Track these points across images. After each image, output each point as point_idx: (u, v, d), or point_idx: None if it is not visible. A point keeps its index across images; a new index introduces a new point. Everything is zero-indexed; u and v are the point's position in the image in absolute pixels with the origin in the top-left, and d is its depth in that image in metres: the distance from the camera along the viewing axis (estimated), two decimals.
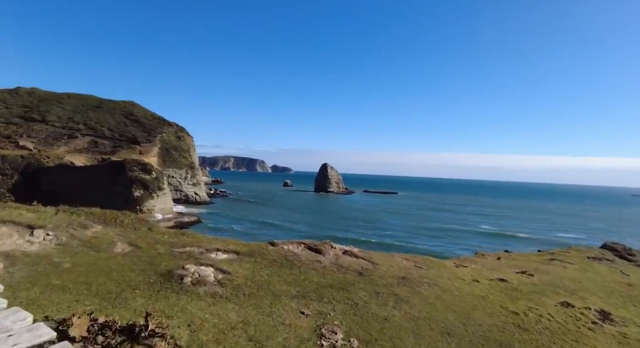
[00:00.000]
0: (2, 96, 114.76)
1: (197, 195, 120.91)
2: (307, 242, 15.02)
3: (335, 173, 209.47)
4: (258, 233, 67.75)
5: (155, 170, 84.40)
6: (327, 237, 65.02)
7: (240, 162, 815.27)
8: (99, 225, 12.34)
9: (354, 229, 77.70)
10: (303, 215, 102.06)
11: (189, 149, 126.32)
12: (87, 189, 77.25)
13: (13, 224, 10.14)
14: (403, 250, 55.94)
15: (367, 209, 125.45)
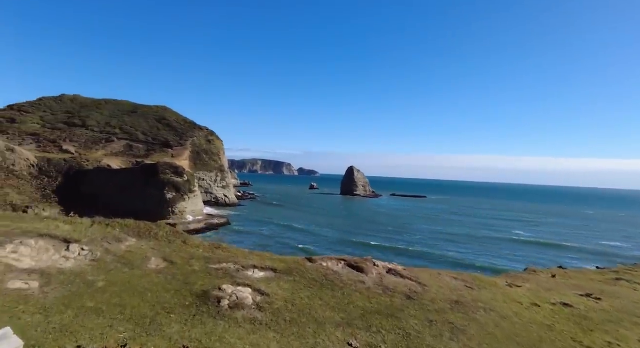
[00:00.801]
0: (49, 103, 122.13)
1: (227, 198, 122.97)
2: (348, 258, 13.99)
3: (362, 176, 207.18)
4: (285, 238, 67.23)
5: (186, 173, 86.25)
6: (354, 243, 63.56)
7: (267, 165, 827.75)
8: (134, 238, 11.95)
9: (383, 235, 75.39)
10: (330, 219, 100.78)
11: (218, 153, 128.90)
12: (122, 191, 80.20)
13: (50, 238, 9.83)
14: (437, 260, 53.01)
15: (396, 214, 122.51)
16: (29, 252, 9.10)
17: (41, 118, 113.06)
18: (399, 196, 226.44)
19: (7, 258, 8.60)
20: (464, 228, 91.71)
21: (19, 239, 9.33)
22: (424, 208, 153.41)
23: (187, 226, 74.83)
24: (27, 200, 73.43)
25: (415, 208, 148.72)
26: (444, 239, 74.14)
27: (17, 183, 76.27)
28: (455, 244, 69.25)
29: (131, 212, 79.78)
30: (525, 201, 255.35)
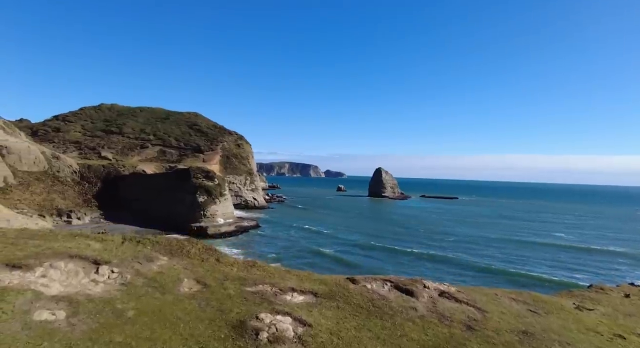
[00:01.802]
0: (89, 113, 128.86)
1: (256, 200, 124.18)
2: (393, 279, 12.65)
3: (389, 177, 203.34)
4: (313, 243, 65.36)
5: (217, 177, 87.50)
6: (385, 250, 60.73)
7: (294, 168, 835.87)
8: (165, 256, 11.31)
9: (415, 239, 72.25)
10: (358, 222, 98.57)
11: (247, 156, 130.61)
12: (157, 195, 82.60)
13: (80, 259, 9.29)
14: (482, 271, 49.57)
15: (427, 216, 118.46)
16: (58, 276, 8.56)
17: (82, 126, 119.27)
18: (429, 197, 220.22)
19: (35, 284, 8.06)
20: (502, 232, 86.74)
21: (49, 261, 8.82)
22: (457, 210, 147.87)
23: (218, 229, 75.80)
24: (71, 205, 77.16)
25: (447, 210, 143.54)
26: (484, 244, 69.88)
27: (61, 188, 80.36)
28: (497, 250, 64.84)
29: (165, 216, 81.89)
30: (566, 201, 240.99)
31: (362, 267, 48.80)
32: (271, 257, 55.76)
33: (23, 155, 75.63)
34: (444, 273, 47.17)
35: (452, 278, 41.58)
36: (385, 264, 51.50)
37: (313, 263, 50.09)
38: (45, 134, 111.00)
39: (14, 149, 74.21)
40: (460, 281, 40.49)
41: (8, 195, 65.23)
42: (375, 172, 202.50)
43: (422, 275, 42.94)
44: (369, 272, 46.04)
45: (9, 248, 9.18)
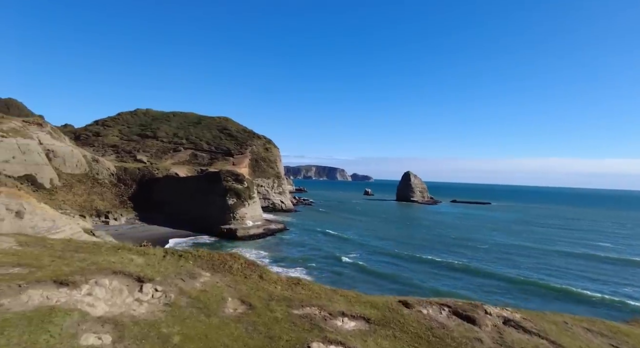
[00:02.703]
0: (126, 117, 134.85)
1: (283, 203, 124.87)
2: (450, 303, 11.51)
3: (419, 181, 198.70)
4: (340, 250, 63.35)
5: (246, 180, 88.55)
6: (416, 259, 57.36)
7: (321, 171, 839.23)
8: (207, 272, 10.85)
9: (447, 249, 68.51)
10: (386, 227, 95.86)
11: (275, 160, 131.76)
12: (189, 198, 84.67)
13: (123, 276, 8.95)
14: (520, 284, 46.10)
15: (459, 223, 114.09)
16: (103, 294, 8.22)
17: (119, 131, 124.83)
18: (460, 202, 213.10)
19: (82, 303, 7.74)
20: (539, 241, 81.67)
21: (94, 278, 8.51)
22: (489, 216, 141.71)
23: (247, 231, 76.52)
24: (108, 206, 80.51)
25: (480, 217, 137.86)
26: (520, 254, 65.59)
27: (100, 190, 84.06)
28: (535, 261, 60.35)
29: (197, 217, 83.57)
30: (610, 208, 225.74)
31: (391, 277, 46.73)
32: (298, 261, 55.15)
33: (67, 158, 79.77)
34: (480, 287, 44.11)
35: (494, 297, 38.72)
36: (416, 274, 49.05)
37: (340, 272, 48.62)
38: (86, 138, 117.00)
39: (60, 152, 78.39)
40: (505, 300, 37.64)
41: (54, 196, 68.72)
42: (404, 175, 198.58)
43: (457, 289, 40.48)
44: (399, 283, 43.91)
45: (57, 262, 8.99)
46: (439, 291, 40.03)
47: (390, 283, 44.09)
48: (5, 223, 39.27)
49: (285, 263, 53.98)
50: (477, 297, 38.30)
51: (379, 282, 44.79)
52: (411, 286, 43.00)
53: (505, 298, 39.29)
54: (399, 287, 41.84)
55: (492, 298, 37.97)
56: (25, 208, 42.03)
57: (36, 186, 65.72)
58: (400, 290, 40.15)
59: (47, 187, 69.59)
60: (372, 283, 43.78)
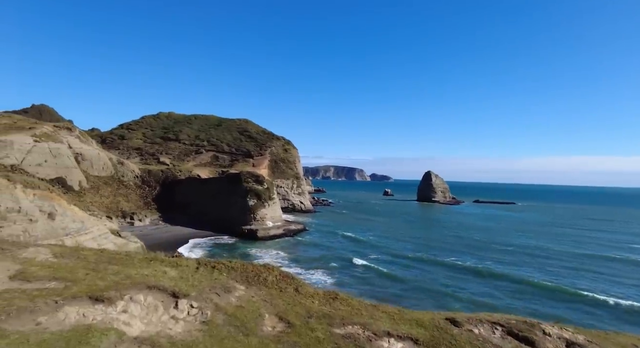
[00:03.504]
0: (149, 121, 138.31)
1: (303, 204, 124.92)
2: (503, 321, 10.62)
3: (440, 181, 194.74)
4: (360, 253, 61.60)
5: (266, 181, 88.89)
6: (440, 264, 54.50)
7: (339, 171, 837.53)
8: (242, 285, 10.43)
9: (473, 252, 65.63)
10: (407, 229, 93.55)
11: (294, 161, 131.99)
12: (211, 199, 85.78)
13: (158, 291, 8.61)
14: (555, 292, 42.88)
15: (483, 224, 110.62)
16: (138, 311, 7.89)
17: (143, 134, 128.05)
18: (483, 203, 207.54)
19: (118, 321, 7.42)
20: (569, 243, 77.67)
21: (129, 293, 8.21)
22: (515, 217, 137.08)
23: (267, 232, 76.79)
24: (133, 207, 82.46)
25: (504, 217, 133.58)
26: (550, 258, 62.18)
27: (125, 192, 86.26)
28: (575, 267, 55.80)
29: (218, 218, 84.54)
30: None
31: (415, 284, 44.84)
32: (318, 263, 54.36)
33: (94, 161, 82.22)
34: (512, 295, 41.34)
35: (532, 308, 36.32)
36: (439, 279, 46.83)
37: (363, 278, 47.05)
38: (112, 142, 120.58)
39: (87, 155, 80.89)
40: (544, 310, 35.15)
41: (82, 197, 70.84)
42: (425, 175, 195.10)
43: (488, 298, 38.47)
44: (423, 289, 41.88)
45: (91, 275, 8.75)
46: (470, 300, 38.14)
47: (414, 290, 42.38)
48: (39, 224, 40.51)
49: (305, 265, 53.40)
50: (508, 305, 36.39)
51: (401, 288, 43.10)
52: (436, 293, 41.13)
53: (545, 309, 36.52)
54: (424, 294, 40.28)
55: (529, 309, 35.57)
56: (57, 210, 43.24)
57: (66, 188, 67.86)
58: (425, 297, 38.78)
59: (76, 189, 71.83)
60: (395, 289, 42.32)
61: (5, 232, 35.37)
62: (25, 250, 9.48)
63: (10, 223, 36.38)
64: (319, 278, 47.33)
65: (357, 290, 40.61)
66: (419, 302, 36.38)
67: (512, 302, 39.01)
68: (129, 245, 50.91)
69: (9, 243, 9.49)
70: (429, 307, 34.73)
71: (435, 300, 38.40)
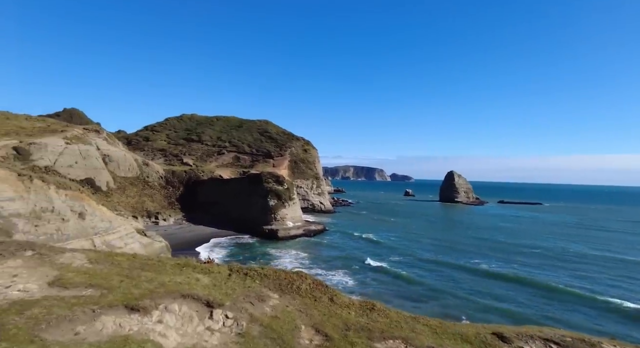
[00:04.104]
0: (172, 123, 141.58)
1: (322, 204, 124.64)
2: (554, 336, 9.83)
3: (463, 181, 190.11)
4: (381, 255, 60.02)
5: (286, 182, 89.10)
6: (466, 268, 51.95)
7: (359, 171, 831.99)
8: (275, 293, 10.13)
9: (499, 256, 62.51)
10: (429, 231, 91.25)
11: (314, 161, 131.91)
12: (232, 199, 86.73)
13: (192, 300, 8.41)
14: (587, 301, 39.95)
15: (509, 225, 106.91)
16: (173, 322, 7.70)
17: (167, 135, 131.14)
18: (508, 203, 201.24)
19: (154, 332, 7.25)
20: (601, 247, 73.34)
21: (164, 303, 8.03)
22: (542, 218, 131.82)
23: (287, 232, 76.92)
24: (158, 207, 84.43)
25: (531, 218, 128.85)
26: (589, 263, 58.31)
27: (150, 192, 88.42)
28: (613, 274, 51.84)
29: (240, 218, 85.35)
30: None
31: (438, 289, 42.77)
32: (339, 264, 53.73)
33: (121, 162, 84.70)
34: (546, 305, 38.50)
35: (571, 319, 33.61)
36: (465, 284, 44.67)
37: (384, 281, 45.71)
38: (137, 143, 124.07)
39: (114, 157, 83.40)
40: (587, 324, 32.65)
41: (109, 198, 73.02)
42: (447, 175, 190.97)
43: (518, 307, 36.18)
44: (449, 295, 39.61)
45: (126, 282, 8.65)
46: (501, 309, 36.15)
47: (437, 296, 40.49)
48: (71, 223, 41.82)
49: (326, 266, 52.91)
50: (543, 315, 34.33)
51: (424, 293, 41.15)
52: (462, 299, 39.28)
53: (586, 321, 34.16)
54: (448, 300, 38.58)
55: (568, 321, 33.11)
56: (87, 210, 44.56)
57: (95, 189, 70.10)
58: (450, 304, 37.13)
59: (104, 189, 74.13)
60: (417, 294, 40.74)
61: (40, 230, 36.76)
62: (62, 255, 9.51)
63: (45, 222, 37.75)
64: (340, 279, 46.74)
65: (378, 293, 39.67)
66: (444, 310, 34.81)
67: (546, 311, 36.58)
68: (154, 245, 52.03)
69: (46, 248, 9.56)
70: (454, 313, 33.46)
71: (462, 307, 36.55)
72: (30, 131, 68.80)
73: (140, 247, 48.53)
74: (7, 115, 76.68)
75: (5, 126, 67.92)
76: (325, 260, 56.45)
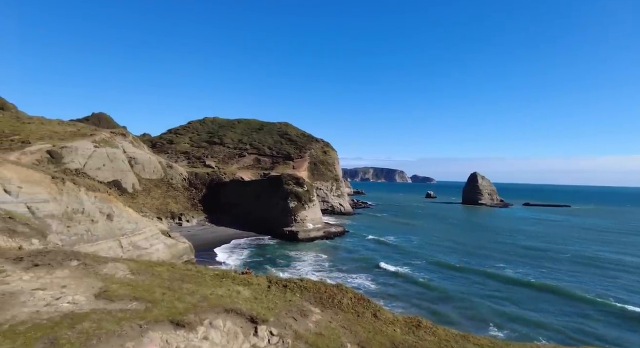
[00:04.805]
0: (195, 126, 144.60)
1: (342, 206, 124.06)
2: None
3: (487, 183, 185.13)
4: (405, 261, 57.75)
5: (306, 183, 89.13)
6: (492, 275, 48.54)
7: (379, 173, 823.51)
8: (317, 307, 9.82)
9: (528, 262, 58.92)
10: (454, 234, 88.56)
11: (333, 163, 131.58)
12: (253, 200, 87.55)
13: (236, 315, 8.21)
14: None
15: (537, 229, 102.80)
16: (219, 338, 7.51)
17: (190, 138, 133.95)
18: (534, 205, 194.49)
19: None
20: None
21: (208, 318, 7.87)
22: (572, 221, 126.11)
23: (307, 233, 76.85)
24: (181, 208, 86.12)
25: (559, 222, 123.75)
26: (622, 271, 54.73)
27: (174, 194, 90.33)
28: None
29: (261, 219, 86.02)
30: None
31: (463, 297, 40.43)
32: (360, 268, 53.00)
33: (146, 165, 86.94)
34: (591, 319, 35.12)
35: (621, 336, 30.87)
36: (494, 293, 42.21)
37: (406, 288, 43.86)
38: (161, 146, 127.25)
39: (140, 159, 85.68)
40: None
41: (135, 199, 74.97)
42: (470, 176, 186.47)
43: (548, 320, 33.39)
44: (475, 306, 37.43)
45: (168, 295, 8.54)
46: (532, 321, 33.65)
47: (462, 305, 38.30)
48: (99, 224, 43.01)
49: (346, 269, 52.31)
50: (589, 333, 31.76)
51: (449, 302, 39.29)
52: (489, 309, 36.98)
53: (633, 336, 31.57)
54: (476, 310, 36.51)
55: (617, 338, 30.82)
56: (114, 211, 45.73)
57: (121, 190, 72.11)
58: (478, 315, 35.11)
59: (130, 191, 76.21)
60: (443, 302, 38.89)
61: (72, 231, 38.00)
62: (104, 265, 9.53)
63: (76, 224, 38.99)
64: (361, 282, 46.17)
65: (400, 300, 38.72)
66: (471, 321, 33.01)
67: (581, 324, 33.91)
68: (178, 246, 52.98)
69: (90, 257, 9.61)
70: (481, 325, 32.09)
71: (489, 317, 34.56)
72: (62, 135, 71.59)
73: (164, 248, 49.53)
74: (42, 121, 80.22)
75: (41, 131, 71.00)
76: (345, 263, 55.85)
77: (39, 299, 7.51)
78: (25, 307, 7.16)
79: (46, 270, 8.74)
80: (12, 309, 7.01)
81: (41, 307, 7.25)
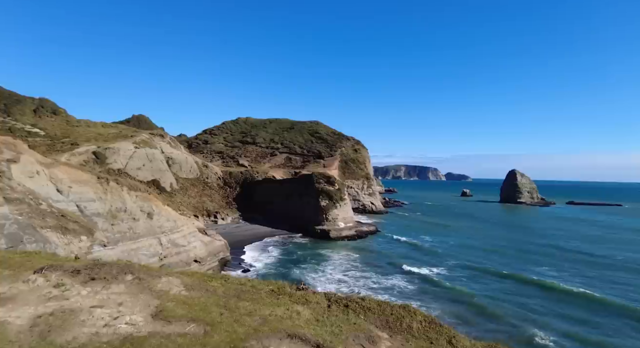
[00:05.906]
0: (229, 126, 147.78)
1: (373, 205, 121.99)
2: None
3: (527, 180, 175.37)
4: (439, 264, 54.39)
5: (337, 182, 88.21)
6: (537, 284, 44.04)
7: (411, 171, 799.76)
8: (384, 331, 8.93)
9: (575, 268, 53.73)
10: (492, 235, 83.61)
11: (364, 161, 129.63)
12: (285, 199, 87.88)
13: (300, 341, 7.46)
14: None
15: (582, 230, 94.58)
16: None
17: (224, 138, 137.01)
18: (579, 204, 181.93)
19: None
20: None
21: (271, 345, 7.21)
22: (625, 223, 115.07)
23: (339, 232, 76.05)
24: (216, 207, 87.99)
25: (610, 223, 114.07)
26: None
27: (209, 192, 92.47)
28: None
29: (293, 218, 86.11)
30: None
31: (506, 308, 36.74)
32: (393, 269, 51.39)
33: (182, 164, 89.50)
34: (632, 329, 31.93)
35: None
36: (539, 304, 38.30)
37: (442, 294, 41.19)
38: (197, 146, 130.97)
39: (177, 159, 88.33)
40: None
41: (173, 198, 77.27)
42: (509, 174, 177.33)
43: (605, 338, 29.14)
44: (517, 317, 33.65)
45: (226, 316, 8.03)
46: (587, 340, 29.79)
47: (507, 315, 34.92)
48: (140, 223, 44.32)
49: (378, 269, 51.06)
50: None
51: (490, 312, 35.67)
52: (534, 323, 32.98)
53: None
54: (522, 324, 32.76)
55: None
56: (154, 210, 46.97)
57: (160, 190, 74.60)
58: (523, 331, 31.09)
59: (168, 190, 78.68)
60: (482, 313, 35.60)
61: (115, 229, 39.43)
62: (158, 280, 9.17)
63: (119, 222, 40.43)
64: (395, 283, 45.03)
65: (436, 306, 36.11)
66: (517, 337, 29.93)
67: None
68: (214, 243, 53.94)
69: (144, 271, 9.30)
70: (526, 339, 29.32)
71: (536, 331, 31.17)
72: (106, 137, 75.14)
73: (201, 246, 50.53)
74: (88, 123, 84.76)
75: (87, 133, 74.97)
76: (377, 264, 54.27)
77: (98, 318, 7.19)
78: (84, 327, 6.86)
79: (102, 284, 8.47)
80: (73, 329, 6.72)
81: (100, 327, 6.92)
